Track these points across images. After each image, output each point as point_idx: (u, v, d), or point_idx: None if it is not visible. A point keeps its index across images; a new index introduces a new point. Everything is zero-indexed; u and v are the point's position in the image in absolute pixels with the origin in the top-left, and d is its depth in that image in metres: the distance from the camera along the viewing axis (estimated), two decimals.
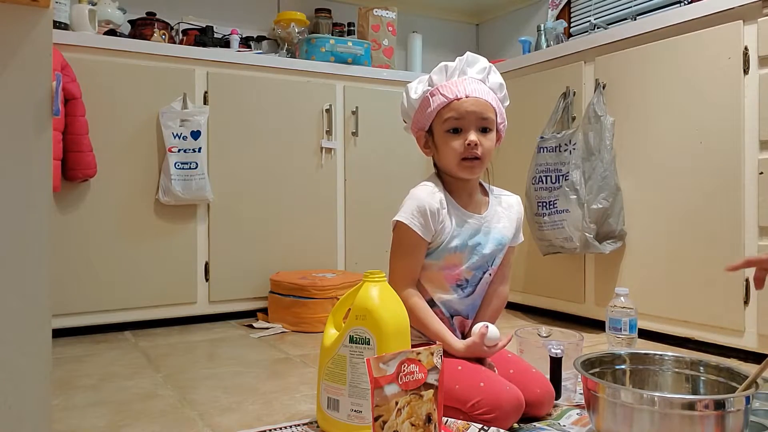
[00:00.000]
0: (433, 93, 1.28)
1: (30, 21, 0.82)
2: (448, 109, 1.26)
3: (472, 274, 1.30)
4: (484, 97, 1.27)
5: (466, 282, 1.30)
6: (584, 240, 1.95)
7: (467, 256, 1.29)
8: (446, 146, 1.27)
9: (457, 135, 1.26)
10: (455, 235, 1.28)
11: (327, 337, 1.19)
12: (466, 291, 1.31)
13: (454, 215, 1.29)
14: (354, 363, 1.12)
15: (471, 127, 1.25)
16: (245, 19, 2.76)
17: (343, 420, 1.13)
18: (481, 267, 1.31)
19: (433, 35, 3.28)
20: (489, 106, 1.27)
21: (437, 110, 1.27)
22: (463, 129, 1.26)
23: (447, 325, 1.28)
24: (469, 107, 1.25)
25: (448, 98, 1.26)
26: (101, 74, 2.02)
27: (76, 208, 1.99)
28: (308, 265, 2.38)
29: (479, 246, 1.29)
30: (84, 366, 1.66)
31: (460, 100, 1.25)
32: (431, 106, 1.28)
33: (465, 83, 1.27)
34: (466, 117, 1.25)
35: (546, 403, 1.22)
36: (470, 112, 1.25)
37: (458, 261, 1.28)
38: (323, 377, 1.17)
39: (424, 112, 1.30)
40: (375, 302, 1.12)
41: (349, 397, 1.13)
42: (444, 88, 1.27)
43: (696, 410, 0.93)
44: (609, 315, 1.75)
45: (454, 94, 1.25)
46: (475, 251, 1.29)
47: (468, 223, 1.30)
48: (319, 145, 2.42)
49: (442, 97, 1.26)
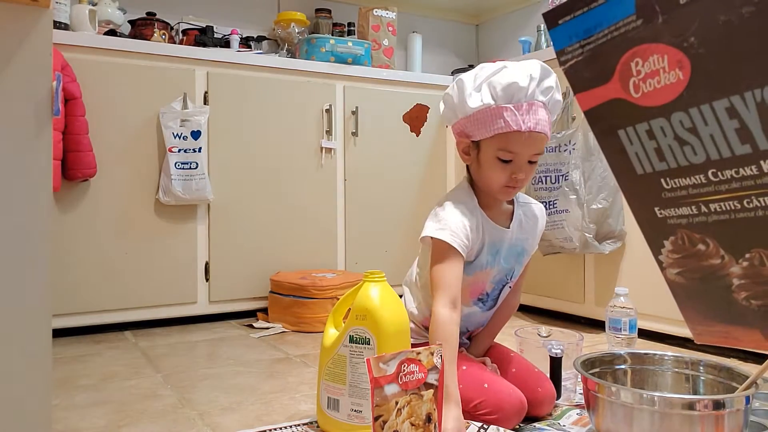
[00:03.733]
0: (495, 112, 1.13)
1: (30, 21, 0.82)
2: (506, 139, 1.14)
3: (493, 287, 1.28)
4: (545, 130, 1.14)
5: (487, 296, 1.28)
6: (584, 240, 1.95)
7: (495, 272, 1.25)
8: (492, 170, 1.17)
9: (507, 164, 1.16)
10: (486, 251, 1.22)
11: (327, 337, 1.19)
12: (487, 305, 1.29)
13: (486, 231, 1.22)
14: (354, 363, 1.12)
15: (522, 161, 1.16)
16: (245, 19, 2.76)
17: (343, 420, 1.13)
18: (502, 280, 1.28)
19: (433, 35, 3.28)
20: (545, 140, 1.16)
21: (495, 134, 1.14)
22: (515, 160, 1.16)
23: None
24: (528, 143, 1.14)
25: (511, 128, 1.12)
26: (101, 74, 2.02)
27: (76, 208, 1.99)
28: (308, 265, 2.38)
29: (504, 259, 1.25)
30: (84, 366, 1.66)
31: (522, 134, 1.12)
32: (489, 125, 1.14)
33: (531, 113, 1.12)
34: (521, 152, 1.15)
35: (547, 403, 1.22)
36: (526, 148, 1.14)
37: (486, 277, 1.25)
38: (323, 377, 1.17)
39: (477, 124, 1.16)
40: (375, 302, 1.12)
41: (349, 397, 1.13)
42: (509, 113, 1.12)
43: (696, 410, 0.93)
44: (609, 315, 1.74)
45: (519, 126, 1.11)
46: (500, 265, 1.25)
47: (498, 238, 1.23)
48: (319, 145, 2.42)
49: (504, 124, 1.12)
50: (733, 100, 0.36)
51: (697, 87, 0.38)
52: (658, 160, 0.43)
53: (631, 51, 0.41)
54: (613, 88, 0.43)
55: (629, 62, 0.41)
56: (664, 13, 0.38)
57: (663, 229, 0.45)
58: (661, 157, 0.42)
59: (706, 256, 0.44)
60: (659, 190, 0.44)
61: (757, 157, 0.37)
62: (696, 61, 0.38)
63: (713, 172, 0.40)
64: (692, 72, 0.38)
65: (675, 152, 0.41)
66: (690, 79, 0.38)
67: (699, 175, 0.40)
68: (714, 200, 0.41)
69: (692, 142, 0.40)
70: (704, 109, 0.38)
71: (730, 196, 0.39)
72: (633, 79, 0.42)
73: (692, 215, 0.42)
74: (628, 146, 0.44)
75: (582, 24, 0.44)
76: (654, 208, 0.45)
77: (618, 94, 0.43)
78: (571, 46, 0.45)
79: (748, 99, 0.36)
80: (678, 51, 0.38)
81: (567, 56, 0.47)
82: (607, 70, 0.43)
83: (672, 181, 0.42)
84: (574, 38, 0.44)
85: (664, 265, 0.47)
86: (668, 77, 0.40)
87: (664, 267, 0.48)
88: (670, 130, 0.41)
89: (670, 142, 0.41)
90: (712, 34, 0.36)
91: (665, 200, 0.44)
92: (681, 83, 0.39)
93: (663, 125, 0.41)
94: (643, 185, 0.44)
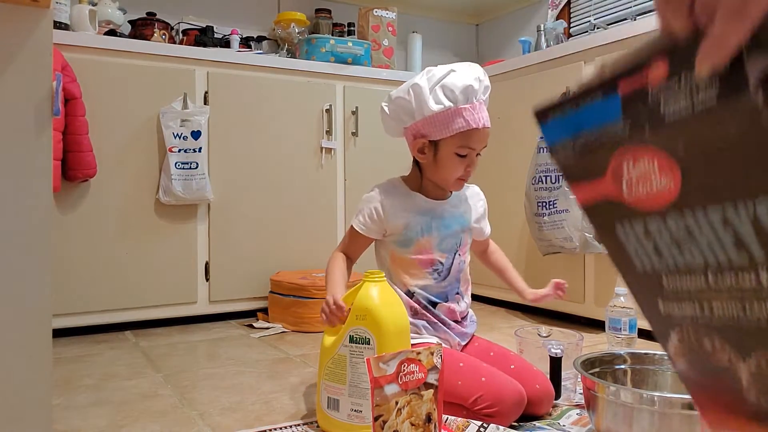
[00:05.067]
0: (456, 113, 1.24)
1: (30, 21, 0.82)
2: (467, 136, 1.26)
3: (445, 256, 1.34)
4: (489, 125, 1.30)
5: (441, 265, 1.34)
6: (584, 240, 1.95)
7: (435, 240, 1.33)
8: (451, 166, 1.29)
9: (462, 159, 1.29)
10: (417, 222, 1.33)
11: (327, 336, 1.19)
12: (442, 274, 1.34)
13: (416, 204, 1.35)
14: (354, 363, 1.12)
15: (474, 154, 1.30)
16: (245, 19, 2.76)
17: (343, 420, 1.13)
18: (452, 249, 1.35)
19: (433, 35, 3.28)
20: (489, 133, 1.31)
21: (456, 132, 1.25)
22: (468, 155, 1.29)
23: (428, 317, 1.32)
24: (483, 137, 1.29)
25: (471, 126, 1.25)
26: (101, 74, 2.02)
27: (76, 208, 1.99)
28: (308, 265, 2.38)
29: (444, 228, 1.34)
30: (84, 366, 1.66)
31: (479, 129, 1.26)
32: (450, 125, 1.25)
33: (482, 110, 1.28)
34: (476, 147, 1.29)
35: (545, 401, 1.22)
36: (480, 143, 1.29)
37: (428, 245, 1.33)
38: (323, 377, 1.17)
39: (437, 125, 1.26)
40: (375, 302, 1.12)
41: (349, 397, 1.13)
42: (468, 113, 1.25)
43: (696, 410, 0.93)
44: (609, 315, 1.74)
45: (477, 123, 1.25)
46: (441, 233, 1.34)
47: (429, 208, 1.35)
48: (319, 145, 2.42)
49: (464, 123, 1.25)
50: (727, 210, 0.36)
51: (690, 194, 0.37)
52: (657, 259, 0.42)
53: (621, 153, 0.40)
54: (606, 185, 0.42)
55: (621, 162, 0.40)
56: (651, 127, 0.37)
57: (668, 323, 0.44)
58: (659, 256, 0.41)
59: (713, 354, 0.42)
60: (660, 287, 0.43)
61: (755, 267, 0.36)
62: (686, 169, 0.37)
63: (712, 277, 0.39)
64: (683, 179, 0.37)
65: (673, 253, 0.40)
66: (681, 186, 0.37)
67: (699, 278, 0.40)
68: (716, 302, 0.40)
69: (689, 245, 0.39)
70: (699, 216, 0.37)
71: (732, 301, 0.38)
72: (625, 180, 0.41)
73: (695, 315, 0.42)
74: (626, 243, 0.43)
75: (571, 121, 0.43)
76: (657, 304, 0.44)
77: (611, 192, 0.42)
78: (562, 141, 0.44)
79: (741, 210, 0.35)
80: (668, 158, 0.37)
81: (558, 151, 0.46)
82: (600, 166, 0.42)
83: (672, 280, 0.42)
84: (564, 134, 0.44)
85: (672, 356, 0.46)
86: (659, 183, 0.39)
87: (672, 359, 0.46)
88: (666, 232, 0.40)
89: (667, 243, 0.40)
90: (700, 149, 0.35)
91: (668, 297, 0.43)
92: (673, 190, 0.38)
93: (659, 226, 0.40)
94: (645, 282, 0.44)
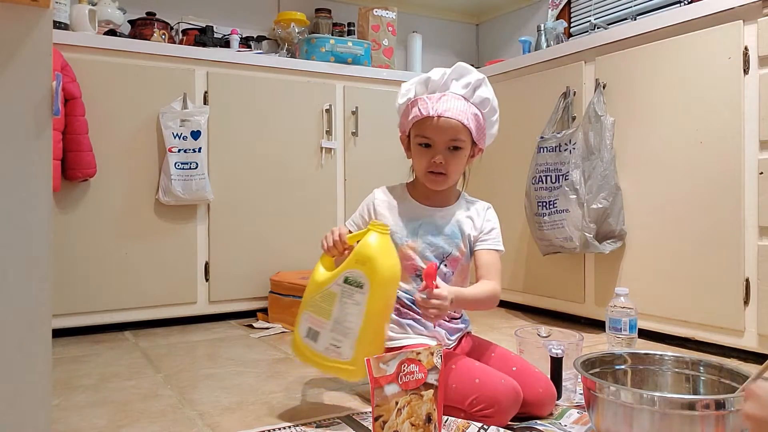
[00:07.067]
0: (413, 104, 1.31)
1: (30, 21, 0.82)
2: (421, 125, 1.28)
3: (428, 264, 1.31)
4: (457, 117, 1.25)
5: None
6: (584, 240, 1.95)
7: (419, 247, 1.32)
8: (416, 157, 1.32)
9: (427, 149, 1.29)
10: (403, 225, 1.33)
11: (318, 273, 1.23)
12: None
13: (405, 207, 1.36)
14: (343, 302, 1.16)
15: (440, 146, 1.27)
16: (245, 19, 2.76)
17: (319, 351, 1.17)
18: (437, 258, 1.33)
19: (433, 35, 3.28)
20: (460, 127, 1.26)
21: (413, 122, 1.30)
22: (433, 146, 1.28)
23: (413, 316, 1.31)
24: (439, 128, 1.26)
25: (422, 114, 1.27)
26: (101, 74, 2.02)
27: (76, 208, 1.99)
28: (308, 265, 2.36)
29: (429, 236, 1.33)
30: (84, 366, 1.66)
31: (432, 118, 1.26)
32: (409, 115, 1.31)
33: (442, 101, 1.26)
34: (434, 137, 1.27)
35: (548, 403, 1.22)
36: (439, 134, 1.26)
37: (411, 252, 1.32)
38: (308, 308, 1.21)
39: (404, 117, 1.34)
40: (377, 251, 1.16)
41: (331, 332, 1.17)
42: (421, 102, 1.28)
43: (696, 410, 0.93)
44: (609, 315, 1.74)
45: (427, 112, 1.26)
46: (425, 240, 1.32)
47: (416, 214, 1.35)
48: (319, 145, 2.42)
49: (417, 112, 1.28)
50: None
51: None
52: None
53: None
54: None
55: None
56: None
57: None
58: None
59: None
60: None
61: None
62: None
63: None
64: None
65: None
66: None
67: None
68: None
69: None
70: None
71: None
72: None
73: None
74: None
75: None
76: None
77: None
78: None
79: None
80: None
81: None
82: None
83: None
84: None
85: None
86: None
87: None
88: None
89: None
90: None
91: None
92: None
93: None
94: None
